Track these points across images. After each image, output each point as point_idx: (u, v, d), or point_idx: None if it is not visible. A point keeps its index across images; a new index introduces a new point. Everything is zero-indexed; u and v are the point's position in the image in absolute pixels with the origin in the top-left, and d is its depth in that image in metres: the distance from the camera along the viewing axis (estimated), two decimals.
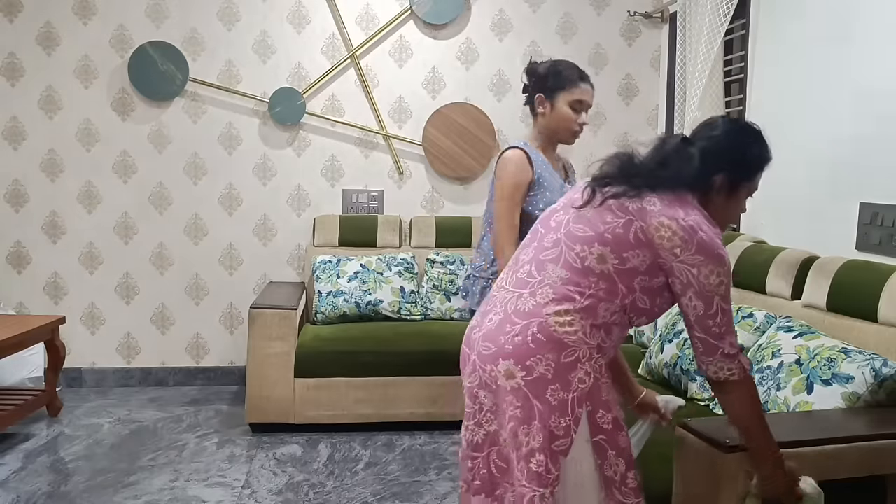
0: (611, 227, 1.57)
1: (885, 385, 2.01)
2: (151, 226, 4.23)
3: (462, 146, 4.30)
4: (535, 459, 1.52)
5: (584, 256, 1.57)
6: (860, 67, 2.64)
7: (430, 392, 3.57)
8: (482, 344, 1.62)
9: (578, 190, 1.69)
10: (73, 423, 3.66)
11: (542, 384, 1.53)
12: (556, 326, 1.54)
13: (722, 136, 1.64)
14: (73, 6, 4.07)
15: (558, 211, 1.69)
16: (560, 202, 1.74)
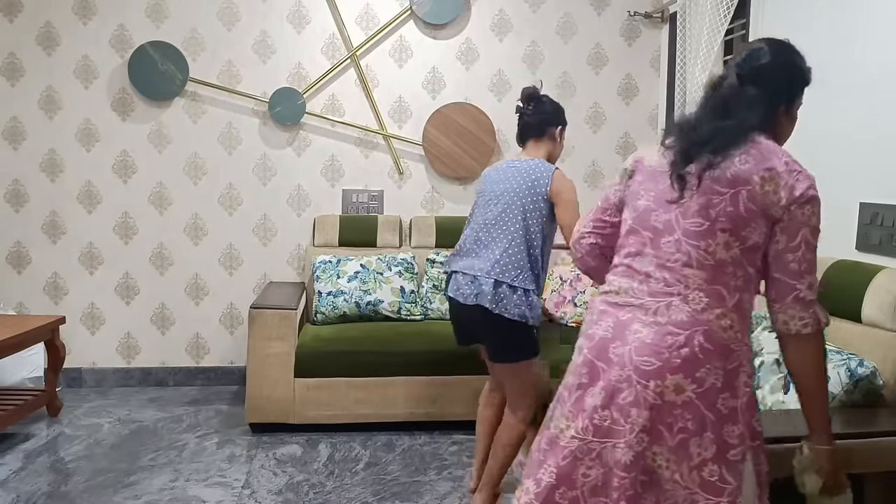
0: (721, 210, 1.50)
1: (861, 385, 2.01)
2: (151, 226, 4.23)
3: (462, 146, 4.30)
4: (708, 469, 1.48)
5: (712, 251, 1.50)
6: (860, 67, 2.64)
7: (430, 392, 3.57)
8: (639, 359, 1.50)
9: (657, 181, 1.61)
10: (73, 423, 3.66)
11: (713, 394, 1.48)
12: (720, 332, 1.49)
13: (772, 65, 1.59)
14: (73, 6, 4.08)
15: (655, 210, 1.60)
16: (645, 199, 1.63)
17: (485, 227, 2.63)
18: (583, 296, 3.90)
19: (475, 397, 3.54)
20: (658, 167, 1.63)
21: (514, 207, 2.59)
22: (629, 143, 4.46)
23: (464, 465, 3.21)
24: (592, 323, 1.64)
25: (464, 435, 3.55)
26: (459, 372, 3.55)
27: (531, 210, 2.58)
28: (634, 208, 1.64)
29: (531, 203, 2.58)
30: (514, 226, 2.58)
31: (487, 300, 2.51)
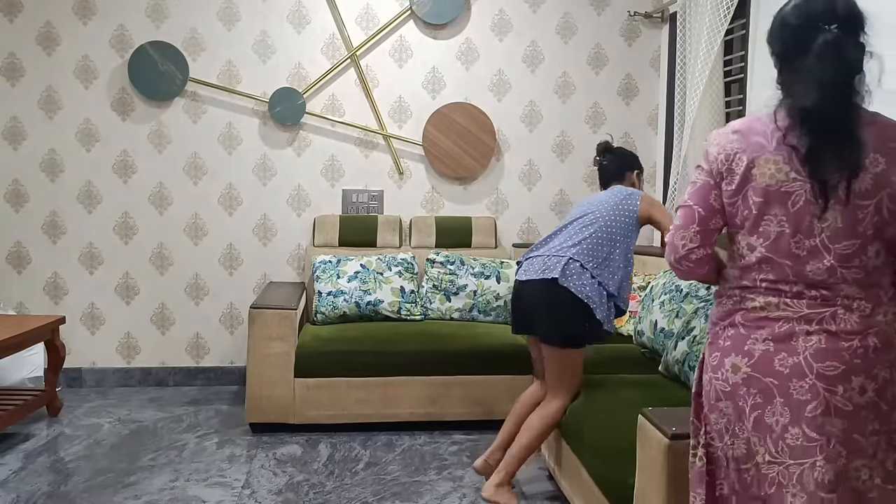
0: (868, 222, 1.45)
1: None
2: (151, 226, 4.23)
3: (462, 146, 4.30)
4: (891, 460, 1.49)
5: (865, 265, 1.47)
6: None
7: (430, 392, 3.57)
8: (820, 365, 1.45)
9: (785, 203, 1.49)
10: (73, 423, 3.67)
11: (886, 388, 1.48)
12: (890, 331, 1.48)
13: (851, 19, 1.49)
14: (73, 6, 4.08)
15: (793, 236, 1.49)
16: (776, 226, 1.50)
17: (567, 224, 2.82)
18: None
19: (475, 397, 3.55)
20: (779, 185, 1.49)
21: (598, 212, 2.78)
22: (629, 143, 4.46)
23: (464, 465, 3.21)
24: (737, 338, 1.55)
25: (464, 435, 3.55)
26: (459, 372, 3.55)
27: (616, 220, 2.76)
28: (764, 235, 1.51)
29: (619, 214, 2.77)
30: (597, 224, 2.76)
31: (557, 272, 2.65)
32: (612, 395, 2.66)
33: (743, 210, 1.54)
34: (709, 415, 1.62)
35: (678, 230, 1.63)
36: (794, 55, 1.51)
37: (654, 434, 1.90)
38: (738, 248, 1.58)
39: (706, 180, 1.60)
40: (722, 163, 1.56)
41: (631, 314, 3.63)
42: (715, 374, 1.59)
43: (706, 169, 1.60)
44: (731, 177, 1.55)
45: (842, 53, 1.45)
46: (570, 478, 2.71)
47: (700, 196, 1.60)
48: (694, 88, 3.42)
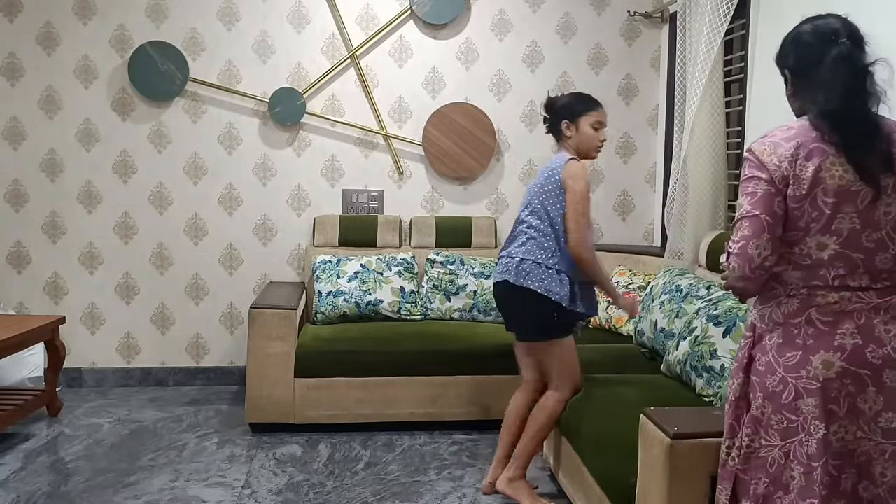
0: None
1: None
2: (151, 226, 4.23)
3: (462, 146, 4.30)
4: None
5: None
6: None
7: (430, 392, 3.57)
8: None
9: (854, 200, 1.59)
10: (73, 423, 3.66)
11: None
12: None
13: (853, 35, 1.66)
14: (73, 6, 4.08)
15: (863, 231, 1.60)
16: (849, 223, 1.60)
17: (516, 222, 2.83)
18: None
19: (475, 397, 3.55)
20: (849, 185, 1.58)
21: (535, 200, 2.77)
22: (629, 143, 4.46)
23: (464, 465, 3.21)
24: (821, 335, 1.61)
25: (464, 435, 3.55)
26: (459, 372, 3.55)
27: (551, 200, 2.74)
28: (837, 233, 1.60)
29: (550, 193, 2.74)
30: (538, 216, 2.75)
31: (511, 275, 2.71)
32: (614, 395, 2.67)
33: (811, 212, 1.60)
34: (771, 416, 1.66)
35: (749, 240, 1.62)
36: (808, 67, 1.67)
37: (655, 434, 1.90)
38: (802, 250, 1.63)
39: (767, 188, 1.61)
40: (787, 169, 1.60)
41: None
42: (795, 374, 1.63)
43: (765, 178, 1.62)
44: (798, 182, 1.60)
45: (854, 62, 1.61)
46: (571, 477, 2.71)
47: (764, 204, 1.61)
48: (694, 88, 3.42)
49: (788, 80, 1.75)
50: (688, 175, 3.47)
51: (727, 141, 3.50)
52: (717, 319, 2.61)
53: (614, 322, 3.70)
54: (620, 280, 3.83)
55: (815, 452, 1.60)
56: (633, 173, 4.49)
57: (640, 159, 4.49)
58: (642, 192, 4.51)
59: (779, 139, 1.63)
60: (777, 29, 3.18)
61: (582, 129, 2.79)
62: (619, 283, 3.80)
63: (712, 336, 2.58)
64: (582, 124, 2.79)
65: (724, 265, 1.69)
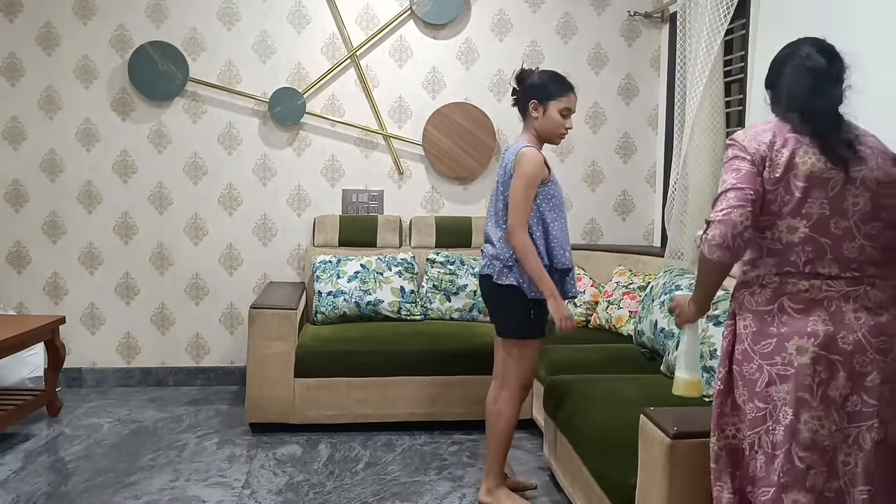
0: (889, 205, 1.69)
1: None
2: (151, 226, 4.23)
3: (462, 146, 4.30)
4: None
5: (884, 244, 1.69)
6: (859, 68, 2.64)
7: (430, 392, 3.57)
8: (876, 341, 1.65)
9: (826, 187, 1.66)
10: (73, 423, 3.66)
11: None
12: None
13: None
14: (73, 6, 4.08)
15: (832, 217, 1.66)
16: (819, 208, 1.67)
17: (490, 220, 2.79)
18: (582, 296, 3.90)
19: (475, 397, 3.55)
20: (820, 173, 1.66)
21: (500, 197, 2.72)
22: (629, 143, 4.46)
23: (464, 465, 3.21)
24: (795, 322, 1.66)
25: (464, 435, 3.55)
26: (459, 372, 3.55)
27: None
28: (807, 216, 1.67)
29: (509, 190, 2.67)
30: (503, 217, 2.70)
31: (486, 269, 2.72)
32: (613, 395, 2.67)
33: (784, 196, 1.67)
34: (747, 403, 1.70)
35: (734, 209, 1.64)
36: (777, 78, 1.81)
37: (655, 434, 1.91)
38: (774, 234, 1.69)
39: (750, 168, 1.68)
40: (765, 152, 1.68)
41: (631, 314, 3.63)
42: (770, 360, 1.67)
43: (749, 159, 1.69)
44: (773, 166, 1.67)
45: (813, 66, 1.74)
46: (571, 477, 2.71)
47: (749, 180, 1.67)
48: (694, 88, 3.42)
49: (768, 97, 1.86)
50: (688, 175, 3.47)
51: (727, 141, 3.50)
52: (716, 319, 2.61)
53: (614, 322, 3.71)
54: (620, 280, 3.83)
55: (779, 440, 1.63)
56: (633, 173, 4.49)
57: (640, 159, 4.49)
58: (642, 192, 4.51)
59: (758, 130, 1.74)
60: (777, 29, 3.18)
61: (549, 114, 2.68)
62: (619, 283, 3.80)
63: (712, 336, 2.58)
64: (551, 108, 2.68)
65: (701, 237, 1.70)
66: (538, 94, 2.69)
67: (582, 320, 3.87)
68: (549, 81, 2.70)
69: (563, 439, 2.79)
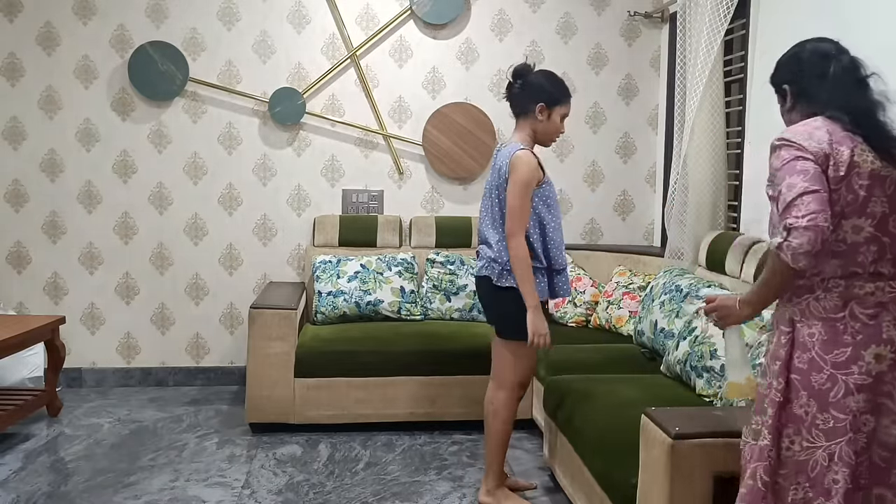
0: None
1: None
2: (151, 226, 4.23)
3: (462, 146, 4.30)
4: None
5: None
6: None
7: (430, 392, 3.57)
8: None
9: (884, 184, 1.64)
10: (73, 423, 3.66)
11: None
12: None
13: None
14: (73, 6, 4.07)
15: (892, 214, 1.65)
16: (881, 206, 1.64)
17: (484, 222, 2.77)
18: (582, 296, 3.90)
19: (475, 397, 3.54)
20: (879, 169, 1.63)
21: (495, 202, 2.70)
22: (629, 143, 4.46)
23: (464, 465, 3.21)
24: (869, 329, 1.61)
25: (464, 435, 3.55)
26: (459, 372, 3.55)
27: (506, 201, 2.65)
28: (871, 215, 1.63)
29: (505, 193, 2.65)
30: (500, 219, 2.68)
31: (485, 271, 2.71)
32: (614, 395, 2.67)
33: (847, 195, 1.62)
34: (817, 415, 1.62)
35: (818, 213, 1.54)
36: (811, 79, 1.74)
37: (657, 434, 1.91)
38: (838, 235, 1.63)
39: (815, 167, 1.60)
40: (826, 150, 1.61)
41: (631, 314, 3.63)
42: (846, 370, 1.61)
43: (812, 158, 1.61)
44: (836, 164, 1.61)
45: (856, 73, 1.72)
46: (572, 477, 2.71)
47: (820, 180, 1.59)
48: (694, 88, 3.42)
49: (788, 95, 1.79)
50: (688, 175, 3.48)
51: (727, 141, 3.50)
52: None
53: (614, 322, 3.71)
54: (620, 280, 3.83)
55: (863, 447, 1.61)
56: (633, 173, 4.49)
57: (640, 159, 4.49)
58: (642, 192, 4.51)
59: (810, 128, 1.66)
60: (777, 29, 3.19)
61: (553, 118, 2.69)
62: (619, 284, 3.80)
63: (712, 336, 2.58)
64: (556, 113, 2.69)
65: (781, 244, 1.57)
66: (548, 97, 2.68)
67: (582, 320, 3.87)
68: (556, 86, 2.72)
69: (563, 439, 2.79)
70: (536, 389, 3.35)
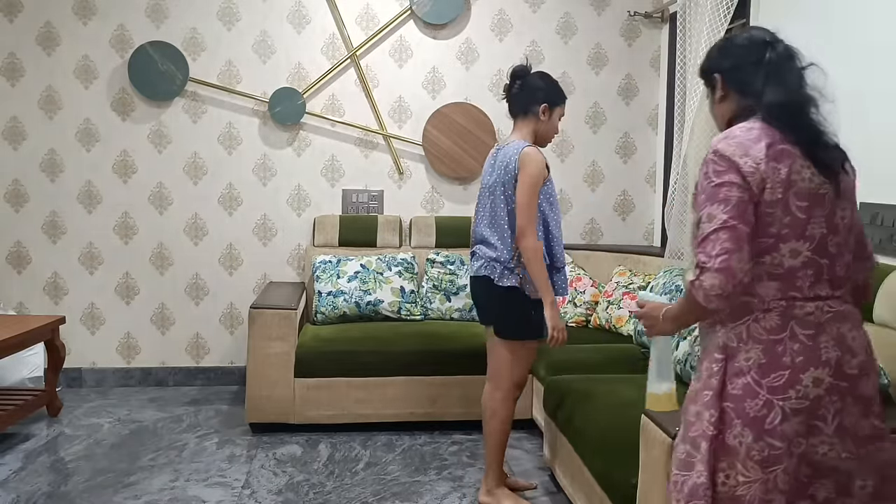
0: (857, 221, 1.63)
1: None
2: (151, 226, 4.23)
3: (462, 146, 4.30)
4: None
5: None
6: (860, 66, 2.64)
7: (430, 392, 3.57)
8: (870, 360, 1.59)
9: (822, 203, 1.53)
10: (73, 423, 3.66)
11: None
12: None
13: None
14: (73, 6, 4.07)
15: (829, 235, 1.55)
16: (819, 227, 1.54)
17: (482, 221, 2.76)
18: (582, 296, 3.90)
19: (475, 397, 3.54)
20: (817, 188, 1.53)
21: (499, 200, 2.70)
22: (629, 143, 4.46)
23: (464, 465, 3.21)
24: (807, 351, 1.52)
25: (464, 435, 3.55)
26: (459, 372, 3.55)
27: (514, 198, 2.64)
28: (810, 238, 1.53)
29: (512, 191, 2.65)
30: (504, 217, 2.68)
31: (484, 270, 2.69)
32: (614, 395, 2.67)
33: (783, 217, 1.52)
34: (753, 445, 1.51)
35: (732, 253, 1.47)
36: (746, 67, 1.63)
37: (657, 434, 1.91)
38: (775, 258, 1.53)
39: (740, 195, 1.50)
40: (763, 171, 1.50)
41: (631, 314, 3.63)
42: (783, 395, 1.51)
43: (739, 182, 1.51)
44: (773, 186, 1.51)
45: (792, 62, 1.61)
46: (572, 477, 2.71)
47: (741, 213, 1.50)
48: (694, 88, 3.42)
49: (718, 85, 1.68)
50: (688, 175, 3.48)
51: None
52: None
53: (614, 322, 3.71)
54: (620, 280, 3.83)
55: (793, 470, 1.53)
56: (633, 173, 4.49)
57: (640, 159, 4.49)
58: (642, 192, 4.51)
59: (745, 140, 1.54)
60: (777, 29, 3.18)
61: (553, 119, 2.75)
62: (619, 284, 3.80)
63: None
64: (556, 113, 2.75)
65: (693, 283, 1.50)
66: (550, 98, 2.73)
67: (582, 320, 3.87)
68: (556, 87, 2.76)
69: (563, 439, 2.79)
70: (536, 389, 3.35)
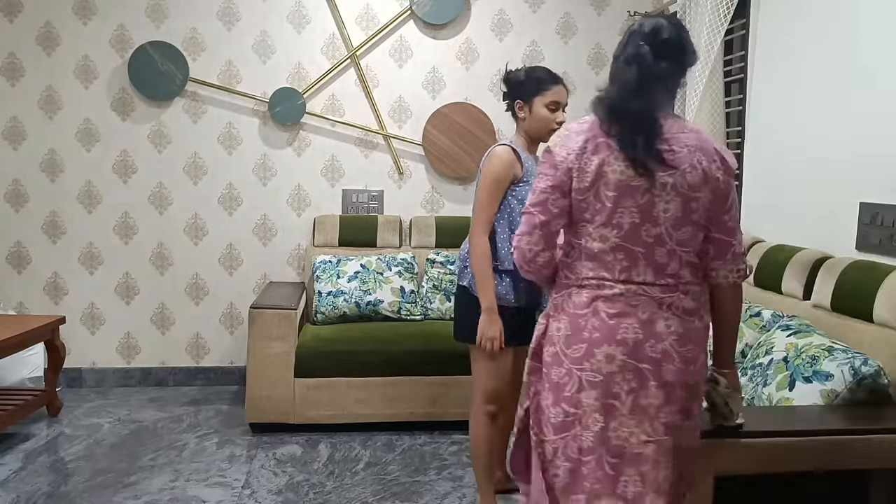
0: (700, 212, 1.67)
1: (864, 384, 2.01)
2: (151, 226, 4.23)
3: (462, 146, 4.30)
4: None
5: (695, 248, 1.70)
6: (860, 67, 2.64)
7: (430, 392, 3.57)
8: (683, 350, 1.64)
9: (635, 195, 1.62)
10: (73, 423, 3.66)
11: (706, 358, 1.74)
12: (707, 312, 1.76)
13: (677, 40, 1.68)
14: (73, 6, 4.08)
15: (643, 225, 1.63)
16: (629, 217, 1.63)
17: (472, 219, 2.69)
18: None
19: None
20: (629, 180, 1.61)
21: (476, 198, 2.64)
22: None
23: (464, 465, 3.21)
24: (606, 328, 1.63)
25: (464, 435, 3.55)
26: (459, 372, 3.53)
27: None
28: (618, 226, 1.63)
29: None
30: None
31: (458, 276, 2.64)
32: None
33: (595, 204, 1.64)
34: (550, 408, 1.67)
35: (523, 236, 1.72)
36: (614, 60, 1.72)
37: None
38: (587, 241, 1.67)
39: (544, 186, 1.69)
40: (572, 162, 1.64)
41: None
42: (580, 365, 1.65)
43: (550, 174, 1.68)
44: (581, 174, 1.64)
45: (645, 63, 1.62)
46: None
47: (540, 201, 1.69)
48: (694, 88, 3.42)
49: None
50: None
51: (727, 141, 3.50)
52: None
53: None
54: None
55: (588, 446, 1.61)
56: None
57: None
58: None
59: (572, 131, 1.69)
60: (777, 29, 3.19)
61: (536, 111, 2.56)
62: None
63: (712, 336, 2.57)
64: (536, 105, 2.55)
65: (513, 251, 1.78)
66: (520, 92, 2.58)
67: None
68: (529, 78, 2.58)
69: None
70: None
